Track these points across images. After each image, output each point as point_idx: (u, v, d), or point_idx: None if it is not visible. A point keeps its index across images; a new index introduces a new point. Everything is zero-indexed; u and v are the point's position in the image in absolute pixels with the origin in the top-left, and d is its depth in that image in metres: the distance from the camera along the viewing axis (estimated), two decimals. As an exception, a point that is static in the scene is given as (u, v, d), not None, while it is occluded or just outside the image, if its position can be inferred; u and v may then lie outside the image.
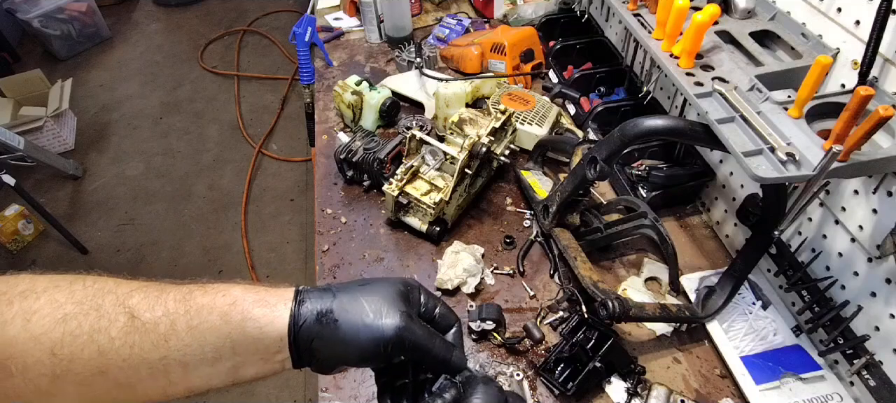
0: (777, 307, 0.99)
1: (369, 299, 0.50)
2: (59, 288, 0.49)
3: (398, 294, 0.52)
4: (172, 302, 0.50)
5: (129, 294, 0.50)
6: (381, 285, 0.52)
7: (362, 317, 0.49)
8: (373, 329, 0.49)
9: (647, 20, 0.97)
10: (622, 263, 1.13)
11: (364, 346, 0.49)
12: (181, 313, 0.49)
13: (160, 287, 0.52)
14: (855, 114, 0.62)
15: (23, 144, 2.65)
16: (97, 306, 0.49)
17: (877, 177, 0.77)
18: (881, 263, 0.78)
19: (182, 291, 0.51)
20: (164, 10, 4.62)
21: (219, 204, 2.93)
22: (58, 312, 0.48)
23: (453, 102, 1.36)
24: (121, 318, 0.48)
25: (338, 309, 0.50)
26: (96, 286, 0.50)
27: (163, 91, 3.74)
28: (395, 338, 0.49)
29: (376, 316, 0.49)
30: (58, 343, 0.47)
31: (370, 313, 0.50)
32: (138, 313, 0.49)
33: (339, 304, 0.50)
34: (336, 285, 0.53)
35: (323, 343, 0.50)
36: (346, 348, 0.50)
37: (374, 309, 0.50)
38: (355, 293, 0.51)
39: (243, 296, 0.50)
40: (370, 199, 1.27)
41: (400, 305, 0.51)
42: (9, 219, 2.64)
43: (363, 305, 0.50)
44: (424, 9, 1.97)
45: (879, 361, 0.81)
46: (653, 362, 0.95)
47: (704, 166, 1.16)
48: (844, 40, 0.80)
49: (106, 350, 0.48)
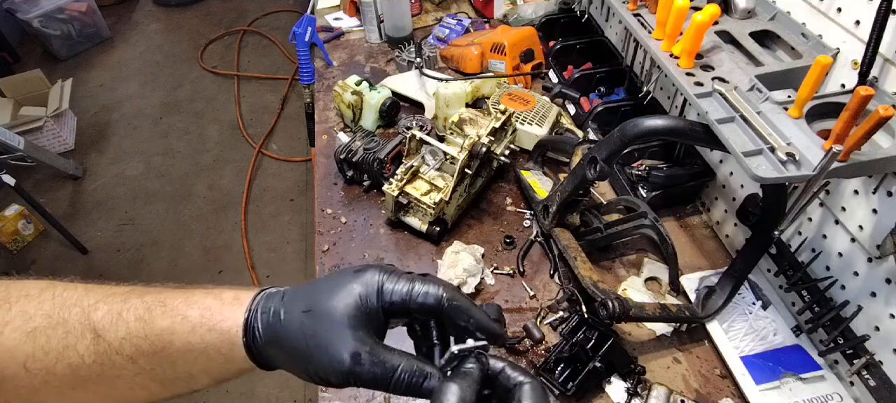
0: (777, 307, 0.99)
1: (316, 337, 0.44)
2: (29, 298, 0.48)
3: (351, 319, 0.44)
4: (133, 322, 0.48)
5: (93, 307, 0.48)
6: (331, 311, 0.45)
7: (311, 359, 0.44)
8: (323, 371, 0.44)
9: (647, 20, 0.97)
10: (622, 263, 1.13)
11: (317, 380, 0.45)
12: (143, 337, 0.47)
13: (123, 298, 0.49)
14: (855, 114, 0.62)
15: (23, 144, 2.65)
16: (64, 320, 0.47)
17: (877, 177, 0.77)
18: (881, 263, 0.78)
19: (143, 306, 0.48)
20: (164, 10, 4.61)
21: (219, 204, 2.93)
22: (28, 325, 0.47)
23: (453, 102, 1.36)
24: (87, 335, 0.47)
25: (287, 352, 0.46)
26: (64, 296, 0.49)
27: (163, 91, 3.74)
28: (343, 381, 0.44)
29: (325, 358, 0.43)
30: (30, 357, 0.46)
31: (316, 357, 0.44)
32: (102, 332, 0.47)
33: (286, 346, 0.45)
34: (287, 298, 0.47)
35: (281, 363, 0.47)
36: (299, 373, 0.46)
37: (322, 350, 0.44)
38: (302, 329, 0.45)
39: (201, 321, 0.47)
40: (370, 199, 1.27)
41: (349, 339, 0.43)
42: (9, 219, 2.64)
43: (309, 346, 0.44)
44: (424, 9, 1.97)
45: (879, 361, 0.81)
46: (653, 362, 0.95)
47: (704, 166, 1.16)
48: (844, 40, 0.80)
49: (77, 366, 0.47)
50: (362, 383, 0.44)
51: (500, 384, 0.45)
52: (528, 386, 0.44)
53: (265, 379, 2.17)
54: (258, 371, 0.50)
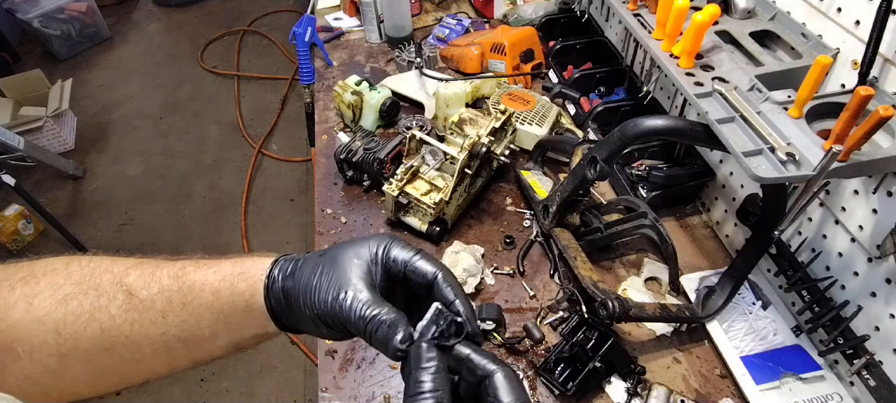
0: (777, 307, 0.99)
1: (323, 275, 0.49)
2: (56, 270, 0.50)
3: (357, 266, 0.49)
4: (166, 279, 0.51)
5: (125, 271, 0.51)
6: (342, 256, 0.50)
7: (314, 292, 0.48)
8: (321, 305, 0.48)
9: (647, 20, 0.97)
10: (622, 263, 1.13)
11: (316, 322, 0.49)
12: (175, 290, 0.51)
13: (155, 263, 0.53)
14: (855, 114, 0.62)
15: (23, 144, 2.65)
16: (95, 285, 0.50)
17: (877, 177, 0.77)
18: (881, 263, 0.78)
19: (176, 267, 0.52)
20: (164, 10, 4.62)
21: (219, 204, 2.93)
22: (58, 293, 0.49)
23: (453, 102, 1.36)
24: (119, 296, 0.50)
25: (298, 284, 0.50)
26: (92, 265, 0.51)
27: (163, 91, 3.74)
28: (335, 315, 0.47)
29: (324, 292, 0.48)
30: (61, 322, 0.48)
31: (319, 290, 0.48)
32: (135, 290, 0.50)
33: (300, 280, 0.50)
34: (304, 257, 0.52)
35: (291, 315, 0.51)
36: (307, 325, 0.51)
37: (325, 284, 0.48)
38: (314, 267, 0.50)
39: (232, 270, 0.52)
40: (370, 199, 1.27)
41: (350, 279, 0.48)
42: (9, 219, 2.64)
43: (315, 283, 0.49)
44: (424, 9, 1.97)
45: (879, 361, 0.81)
46: (653, 362, 0.95)
47: (704, 166, 1.16)
48: (844, 40, 0.80)
49: (108, 328, 0.49)
50: (349, 321, 0.46)
51: (471, 369, 0.44)
52: (499, 374, 0.42)
53: (265, 379, 2.17)
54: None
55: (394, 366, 0.95)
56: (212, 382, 2.18)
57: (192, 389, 2.16)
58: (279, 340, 2.28)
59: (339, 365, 0.95)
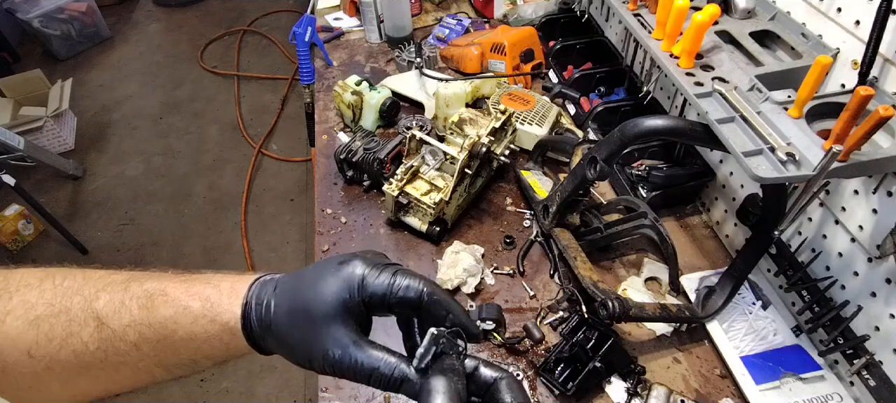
0: (777, 307, 0.99)
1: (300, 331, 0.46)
2: (30, 287, 0.49)
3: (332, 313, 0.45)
4: (136, 310, 0.49)
5: (95, 295, 0.49)
6: (314, 306, 0.46)
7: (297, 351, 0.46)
8: (308, 362, 0.46)
9: (647, 20, 0.97)
10: (622, 263, 1.13)
11: (307, 367, 0.47)
12: (146, 325, 0.48)
13: (124, 286, 0.50)
14: (855, 114, 0.62)
15: (23, 144, 2.65)
16: (66, 309, 0.48)
17: (877, 177, 0.77)
18: (881, 263, 0.78)
19: (144, 294, 0.49)
20: (164, 10, 4.61)
21: (219, 204, 2.93)
22: (30, 314, 0.48)
23: (453, 102, 1.36)
24: (91, 323, 0.48)
25: (277, 338, 0.47)
26: (65, 284, 0.50)
27: (163, 91, 3.74)
28: (327, 372, 0.45)
29: (308, 351, 0.45)
30: (33, 344, 0.47)
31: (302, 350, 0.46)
32: (105, 319, 0.48)
33: (278, 334, 0.47)
34: (278, 290, 0.48)
35: (275, 350, 0.49)
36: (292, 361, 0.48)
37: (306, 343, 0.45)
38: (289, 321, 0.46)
39: (202, 310, 0.48)
40: (370, 199, 1.27)
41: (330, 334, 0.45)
42: (9, 219, 2.64)
43: (295, 339, 0.46)
44: (424, 9, 1.97)
45: (879, 361, 0.81)
46: (653, 362, 0.95)
47: (704, 166, 1.16)
48: (844, 40, 0.80)
49: (81, 353, 0.48)
50: (343, 376, 0.45)
51: (476, 380, 0.46)
52: (505, 381, 0.45)
53: (265, 379, 2.17)
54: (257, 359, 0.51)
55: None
56: (212, 382, 2.18)
57: (191, 389, 2.16)
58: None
59: (339, 365, 0.95)
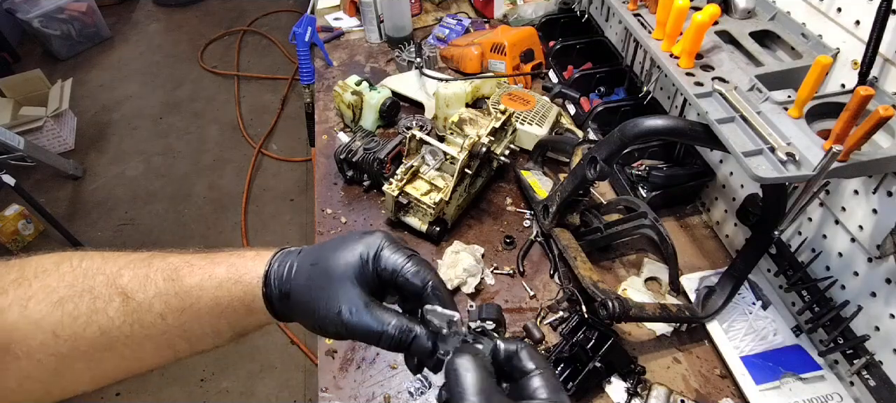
0: (777, 307, 0.99)
1: (319, 289, 0.50)
2: (47, 272, 0.50)
3: (350, 274, 0.50)
4: (162, 282, 0.51)
5: (118, 273, 0.51)
6: (333, 266, 0.50)
7: (314, 309, 0.50)
8: (322, 320, 0.50)
9: (647, 20, 0.97)
10: (622, 263, 1.13)
11: (319, 330, 0.51)
12: (172, 294, 0.51)
13: (147, 261, 0.53)
14: (855, 114, 0.62)
15: (23, 144, 2.65)
16: (89, 288, 0.50)
17: (877, 177, 0.77)
18: (881, 263, 0.78)
19: (169, 268, 0.52)
20: (164, 10, 4.61)
21: (219, 204, 2.93)
22: (52, 296, 0.49)
23: (453, 102, 1.36)
24: (115, 299, 0.50)
25: (294, 296, 0.51)
26: (84, 265, 0.51)
27: (163, 91, 3.74)
28: (339, 331, 0.49)
29: (324, 308, 0.49)
30: (58, 324, 0.48)
31: (318, 307, 0.49)
32: (131, 293, 0.50)
33: (295, 292, 0.51)
34: (296, 262, 0.52)
35: (293, 313, 0.52)
36: (307, 323, 0.52)
37: (323, 300, 0.49)
38: (308, 281, 0.51)
39: (227, 276, 0.52)
40: (370, 199, 1.27)
41: (346, 292, 0.49)
42: (9, 219, 2.64)
43: (312, 297, 0.50)
44: (424, 9, 1.97)
45: (879, 361, 0.81)
46: (653, 362, 0.95)
47: (704, 166, 1.16)
48: (844, 40, 0.80)
49: (107, 328, 0.49)
50: (355, 335, 0.49)
51: (513, 366, 0.47)
52: (525, 351, 0.46)
53: (265, 379, 2.17)
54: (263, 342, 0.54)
55: (394, 366, 0.95)
56: (212, 382, 2.18)
57: (191, 389, 2.16)
58: (279, 340, 2.29)
59: (339, 365, 0.95)
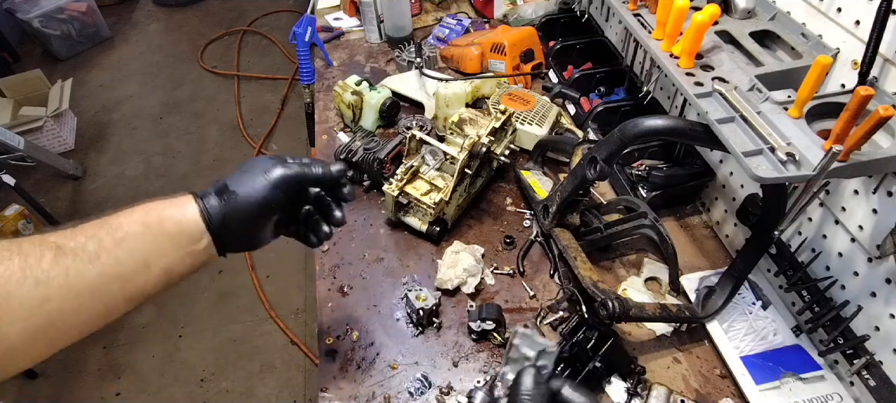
0: (777, 307, 0.99)
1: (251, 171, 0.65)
2: None
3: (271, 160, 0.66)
4: (91, 228, 0.55)
5: (45, 236, 0.54)
6: (254, 161, 0.67)
7: (252, 182, 0.64)
8: (262, 182, 0.64)
9: (647, 20, 0.97)
10: (622, 263, 1.13)
11: (261, 196, 0.63)
12: (104, 233, 0.55)
13: (73, 223, 0.57)
14: (855, 114, 0.62)
15: (23, 144, 2.65)
16: (19, 250, 0.51)
17: (877, 177, 0.77)
18: (881, 263, 0.78)
19: (96, 220, 0.57)
20: (164, 10, 4.62)
21: (219, 204, 2.92)
22: None
23: (453, 102, 1.36)
24: (47, 253, 0.51)
25: (231, 185, 0.63)
26: (12, 240, 0.53)
27: (163, 91, 3.74)
28: (280, 178, 0.65)
29: (261, 175, 0.65)
30: None
31: (255, 176, 0.64)
32: (62, 244, 0.53)
33: (231, 182, 0.64)
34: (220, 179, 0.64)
35: (231, 211, 0.62)
36: (250, 205, 0.63)
37: (258, 173, 0.65)
38: (239, 173, 0.65)
39: (154, 205, 0.60)
40: (370, 199, 1.27)
41: (275, 162, 0.66)
42: (9, 219, 2.63)
43: (249, 175, 0.64)
44: (424, 9, 1.97)
45: (879, 361, 0.81)
46: (653, 362, 0.95)
47: (704, 166, 1.16)
48: (844, 40, 0.80)
49: (43, 279, 0.50)
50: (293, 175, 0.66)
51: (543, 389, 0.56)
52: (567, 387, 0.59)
53: (265, 379, 2.17)
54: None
55: (394, 366, 0.95)
56: (212, 382, 2.18)
57: (192, 389, 2.16)
58: (280, 340, 2.28)
59: (339, 365, 0.95)
